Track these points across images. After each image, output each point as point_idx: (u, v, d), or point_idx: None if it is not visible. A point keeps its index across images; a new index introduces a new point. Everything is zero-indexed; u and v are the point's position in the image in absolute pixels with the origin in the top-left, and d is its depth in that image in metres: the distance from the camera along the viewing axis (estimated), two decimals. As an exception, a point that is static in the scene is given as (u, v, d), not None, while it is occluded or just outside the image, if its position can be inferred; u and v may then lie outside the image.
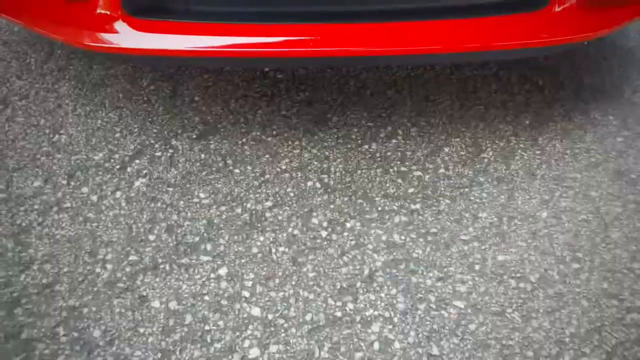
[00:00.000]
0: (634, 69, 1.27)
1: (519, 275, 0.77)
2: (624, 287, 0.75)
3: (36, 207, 0.87)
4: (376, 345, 0.69)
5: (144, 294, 0.74)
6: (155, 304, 0.73)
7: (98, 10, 0.89)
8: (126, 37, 0.87)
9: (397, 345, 0.68)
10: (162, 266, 0.78)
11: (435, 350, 0.68)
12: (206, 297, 0.74)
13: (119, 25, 0.87)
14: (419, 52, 0.86)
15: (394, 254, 0.80)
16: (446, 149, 1.01)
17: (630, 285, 0.75)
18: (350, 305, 0.73)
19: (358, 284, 0.76)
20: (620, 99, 1.16)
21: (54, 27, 0.95)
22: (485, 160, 0.98)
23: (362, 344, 0.69)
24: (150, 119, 1.08)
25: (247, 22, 0.86)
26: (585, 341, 0.68)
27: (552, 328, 0.70)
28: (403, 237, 0.82)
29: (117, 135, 1.04)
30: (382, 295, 0.74)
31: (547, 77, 1.23)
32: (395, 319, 0.71)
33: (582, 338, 0.69)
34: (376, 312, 0.72)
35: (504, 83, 1.20)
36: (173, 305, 0.73)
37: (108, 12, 0.87)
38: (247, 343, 0.69)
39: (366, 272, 0.77)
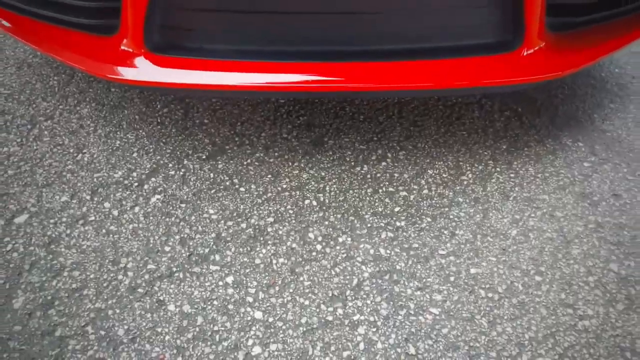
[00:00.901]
0: (606, 97, 1.39)
1: (488, 286, 0.88)
2: (579, 298, 0.86)
3: (64, 220, 0.99)
4: (362, 346, 0.79)
5: (161, 298, 0.85)
6: (171, 307, 0.84)
7: (122, 47, 1.01)
8: (146, 71, 0.98)
9: (379, 345, 0.79)
10: (176, 274, 0.89)
11: (412, 350, 0.79)
12: (215, 302, 0.85)
13: (140, 60, 0.99)
14: (408, 89, 0.97)
15: (380, 266, 0.91)
16: (430, 171, 1.12)
17: (584, 297, 0.86)
18: (340, 311, 0.84)
19: (347, 292, 0.87)
20: (591, 126, 1.27)
21: (77, 58, 1.05)
22: (465, 182, 1.09)
23: (349, 344, 0.79)
24: (164, 140, 1.19)
25: (252, 59, 0.97)
26: (541, 344, 0.79)
27: (514, 332, 0.81)
28: (388, 251, 0.93)
29: (135, 154, 1.15)
30: (368, 302, 0.85)
31: (525, 105, 1.34)
32: (379, 323, 0.82)
33: (539, 341, 0.80)
34: (362, 317, 0.83)
35: (486, 110, 1.32)
36: (186, 308, 0.84)
37: (131, 50, 0.99)
38: (250, 342, 0.80)
39: (355, 281, 0.88)
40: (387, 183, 1.09)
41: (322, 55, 0.96)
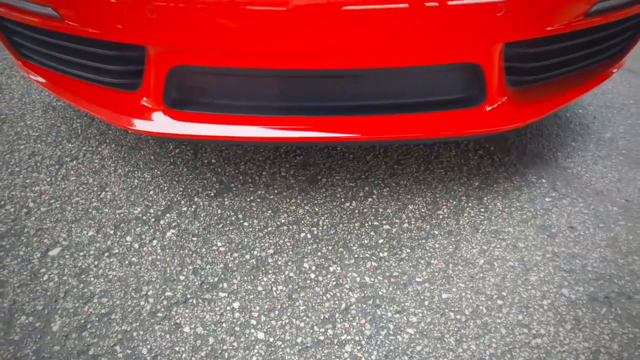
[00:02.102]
0: (570, 135, 1.56)
1: (456, 309, 1.02)
2: (534, 319, 1.01)
3: (92, 252, 1.14)
4: (348, 361, 0.94)
5: (178, 321, 0.99)
6: (186, 329, 0.98)
7: (142, 102, 1.17)
8: (164, 124, 1.14)
9: (363, 361, 0.94)
10: (190, 300, 1.04)
11: (391, 365, 0.93)
12: (224, 324, 0.99)
13: (159, 115, 1.15)
14: (393, 139, 1.12)
15: (365, 292, 1.06)
16: (410, 207, 1.28)
17: (539, 318, 1.01)
18: (330, 331, 0.98)
19: (337, 315, 1.01)
20: (554, 164, 1.44)
21: (101, 111, 1.21)
22: (440, 216, 1.25)
23: (338, 360, 0.94)
24: (176, 179, 1.35)
25: (257, 114, 1.13)
26: (499, 359, 0.94)
27: (477, 349, 0.95)
28: (372, 279, 1.08)
29: (151, 192, 1.31)
30: (354, 324, 0.99)
31: (497, 144, 1.51)
32: (363, 342, 0.96)
33: (498, 357, 0.94)
34: (349, 337, 0.97)
35: (462, 149, 1.48)
36: (199, 330, 0.98)
37: (151, 105, 1.15)
38: (254, 359, 0.94)
39: (343, 306, 1.03)
40: (372, 217, 1.24)
41: (320, 110, 1.12)
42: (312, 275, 1.09)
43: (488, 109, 1.13)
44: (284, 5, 0.90)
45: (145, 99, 1.15)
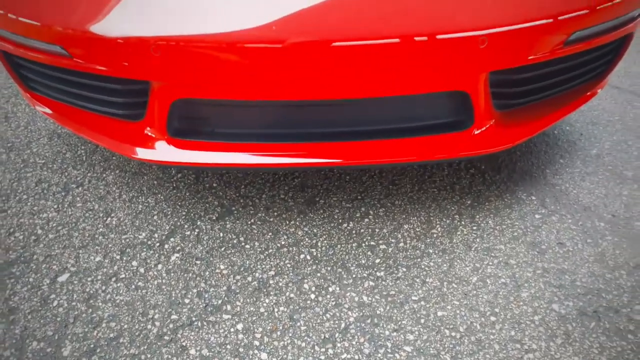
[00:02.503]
0: (557, 152, 1.62)
1: (451, 326, 1.07)
2: (526, 334, 1.05)
3: (99, 277, 1.18)
4: (349, 379, 0.98)
5: (184, 344, 1.03)
6: (192, 351, 1.02)
7: (146, 131, 1.22)
8: (167, 153, 1.19)
9: (363, 379, 0.98)
10: (195, 323, 1.08)
11: (389, 382, 0.97)
12: (228, 346, 1.03)
13: (162, 144, 1.20)
14: (387, 163, 1.17)
15: (363, 311, 1.10)
16: (405, 226, 1.32)
17: (530, 333, 1.05)
18: (331, 351, 1.02)
19: (336, 335, 1.05)
20: (543, 181, 1.49)
21: (106, 140, 1.26)
22: (435, 235, 1.30)
23: (338, 379, 0.98)
24: (179, 203, 1.40)
25: (254, 141, 1.19)
26: (493, 374, 0.98)
27: (472, 365, 0.99)
28: (370, 298, 1.13)
29: (155, 217, 1.35)
30: (353, 342, 1.03)
31: (488, 162, 1.57)
32: (362, 360, 1.00)
33: (492, 372, 0.98)
34: (349, 355, 1.01)
35: (454, 168, 1.54)
36: (205, 352, 1.02)
37: (154, 135, 1.20)
38: (258, 379, 0.98)
39: (342, 325, 1.07)
40: (369, 237, 1.29)
41: (316, 137, 1.18)
42: (312, 296, 1.13)
43: (476, 132, 1.19)
44: (278, 43, 0.96)
45: (148, 128, 1.21)
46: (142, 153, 1.21)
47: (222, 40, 0.96)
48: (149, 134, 1.21)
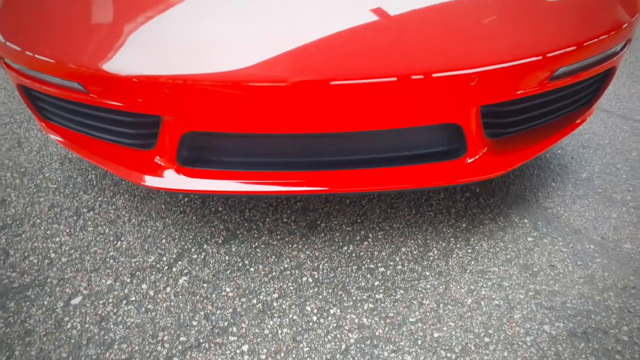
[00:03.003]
0: (549, 176, 1.68)
1: (447, 347, 1.12)
2: (518, 355, 1.10)
3: (111, 300, 1.23)
4: (349, 399, 1.02)
5: (192, 365, 1.08)
6: (200, 372, 1.07)
7: (155, 160, 1.29)
8: (176, 181, 1.25)
9: (363, 399, 1.02)
10: (203, 344, 1.13)
11: (388, 402, 1.02)
12: (234, 367, 1.08)
13: (171, 172, 1.27)
14: (385, 189, 1.24)
15: (363, 332, 1.15)
16: (403, 249, 1.38)
17: (522, 354, 1.10)
18: (332, 371, 1.07)
19: (337, 356, 1.10)
20: (535, 204, 1.55)
21: (116, 168, 1.32)
22: (431, 257, 1.36)
23: (340, 399, 1.02)
24: (186, 227, 1.46)
25: (258, 170, 1.25)
26: (487, 394, 1.02)
27: (467, 385, 1.04)
28: (369, 320, 1.18)
29: (163, 240, 1.41)
30: (354, 363, 1.09)
31: (483, 185, 1.63)
32: (362, 381, 1.05)
33: (486, 392, 1.03)
34: (349, 376, 1.06)
35: (450, 192, 1.60)
36: (212, 373, 1.07)
37: (164, 164, 1.27)
38: (263, 399, 1.02)
39: (343, 346, 1.12)
40: (368, 260, 1.34)
41: (318, 165, 1.24)
42: (314, 318, 1.19)
43: (469, 160, 1.25)
44: (280, 82, 1.03)
45: (158, 157, 1.27)
46: (151, 181, 1.27)
47: (229, 80, 1.03)
48: (159, 162, 1.27)
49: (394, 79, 1.04)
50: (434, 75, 1.05)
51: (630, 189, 1.61)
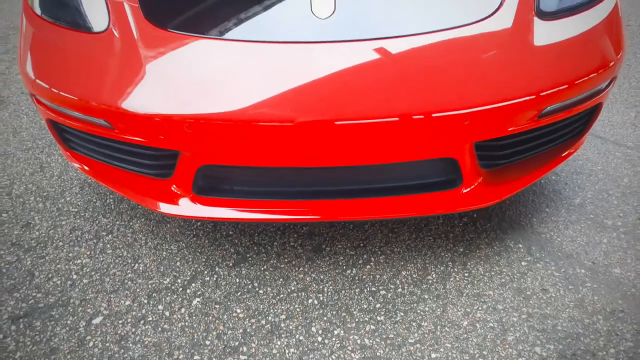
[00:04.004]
0: (544, 201, 1.76)
1: (444, 367, 1.19)
2: (510, 376, 1.17)
3: (129, 320, 1.32)
4: (352, 416, 1.10)
5: (205, 382, 1.16)
6: (213, 389, 1.15)
7: (172, 188, 1.39)
8: (191, 208, 1.34)
9: (365, 416, 1.10)
10: (215, 363, 1.21)
11: (388, 419, 1.09)
12: (245, 385, 1.16)
13: (185, 200, 1.36)
14: (385, 217, 1.33)
15: (365, 353, 1.23)
16: (403, 272, 1.46)
17: (514, 374, 1.17)
18: (336, 389, 1.15)
19: (341, 375, 1.18)
20: (530, 229, 1.63)
21: (133, 194, 1.42)
22: (430, 281, 1.43)
23: (343, 415, 1.10)
24: (199, 250, 1.55)
25: (268, 199, 1.34)
26: (481, 412, 1.09)
27: (462, 404, 1.11)
28: (371, 341, 1.26)
29: (178, 263, 1.50)
30: (356, 382, 1.16)
31: (480, 211, 1.71)
32: (364, 399, 1.13)
33: (480, 410, 1.10)
34: (352, 394, 1.14)
35: (449, 217, 1.69)
36: (224, 390, 1.15)
37: (179, 192, 1.37)
38: (271, 415, 1.10)
39: (346, 366, 1.20)
40: (370, 283, 1.43)
41: (323, 195, 1.33)
42: (320, 339, 1.27)
43: (465, 190, 1.34)
44: (289, 122, 1.13)
45: (175, 186, 1.37)
46: (167, 208, 1.37)
47: (243, 120, 1.13)
48: (176, 191, 1.37)
49: (394, 119, 1.14)
50: (430, 115, 1.14)
51: (621, 214, 1.69)
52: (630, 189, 1.82)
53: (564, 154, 1.53)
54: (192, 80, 1.19)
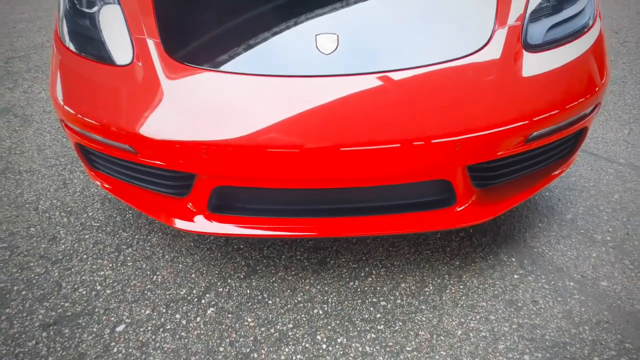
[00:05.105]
0: (537, 217, 1.86)
1: (439, 373, 1.29)
2: (500, 381, 1.27)
3: (149, 328, 1.44)
4: (353, 418, 1.20)
5: (220, 386, 1.27)
6: (227, 392, 1.26)
7: (188, 206, 1.51)
8: (205, 225, 1.46)
9: (365, 417, 1.20)
10: (228, 368, 1.32)
11: (386, 421, 1.19)
12: (255, 388, 1.27)
13: (200, 217, 1.48)
14: (384, 234, 1.44)
15: (366, 359, 1.33)
16: (403, 285, 1.57)
17: (504, 380, 1.27)
18: (339, 393, 1.25)
19: (344, 379, 1.28)
20: (523, 244, 1.73)
21: (152, 211, 1.54)
22: (427, 292, 1.54)
23: (345, 417, 1.20)
24: (212, 263, 1.67)
25: (276, 216, 1.46)
26: (472, 415, 1.19)
27: (454, 407, 1.21)
28: (371, 349, 1.36)
29: (193, 275, 1.62)
30: (358, 386, 1.26)
31: (476, 226, 1.81)
32: (365, 401, 1.23)
33: (471, 413, 1.20)
34: (354, 397, 1.24)
35: (446, 232, 1.79)
36: (237, 393, 1.26)
37: (195, 210, 1.49)
38: (280, 416, 1.21)
39: (349, 371, 1.30)
40: (371, 295, 1.53)
41: (327, 213, 1.45)
42: (324, 346, 1.37)
43: (459, 209, 1.45)
44: (297, 148, 1.25)
45: (191, 204, 1.49)
46: (183, 224, 1.49)
47: (254, 147, 1.25)
48: (191, 209, 1.50)
49: (391, 145, 1.25)
50: (424, 142, 1.26)
51: (610, 230, 1.78)
52: (621, 204, 1.91)
53: (554, 173, 1.64)
54: (209, 110, 1.31)
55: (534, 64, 1.39)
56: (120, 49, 1.46)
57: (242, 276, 1.62)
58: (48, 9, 5.09)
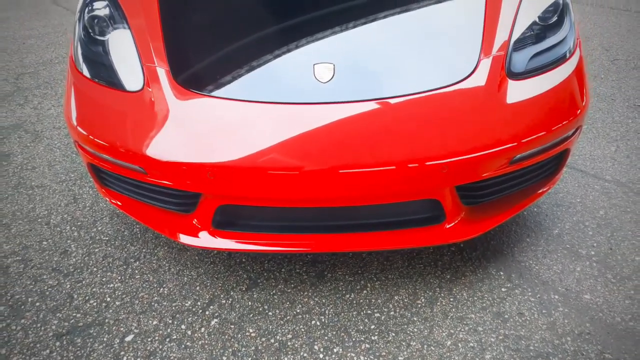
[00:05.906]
0: (525, 232, 1.95)
1: (428, 382, 1.37)
2: (486, 389, 1.35)
3: (157, 338, 1.52)
4: (348, 423, 1.28)
5: (223, 393, 1.36)
6: (229, 399, 1.34)
7: (193, 222, 1.60)
8: (209, 241, 1.56)
9: (359, 423, 1.28)
10: (231, 376, 1.40)
11: None
12: (256, 395, 1.35)
13: (205, 233, 1.58)
14: (378, 249, 1.53)
15: (360, 368, 1.42)
16: (396, 297, 1.65)
17: (490, 388, 1.35)
18: (335, 400, 1.33)
19: (339, 387, 1.37)
20: (511, 258, 1.82)
21: (159, 226, 1.64)
22: (419, 304, 1.62)
23: (340, 422, 1.28)
24: (216, 276, 1.76)
25: (277, 232, 1.55)
26: (459, 421, 1.27)
27: (443, 413, 1.29)
28: (365, 358, 1.44)
29: (197, 288, 1.71)
30: (352, 394, 1.35)
31: (466, 241, 1.90)
32: (359, 408, 1.31)
33: (458, 419, 1.28)
34: (348, 404, 1.32)
35: (438, 246, 1.88)
36: (239, 399, 1.34)
37: (200, 226, 1.58)
38: (279, 422, 1.29)
39: (344, 380, 1.39)
40: (366, 307, 1.62)
41: (322, 229, 1.54)
42: (321, 356, 1.46)
43: (448, 226, 1.54)
44: (297, 170, 1.34)
45: (196, 221, 1.59)
46: (188, 239, 1.58)
47: (257, 169, 1.35)
48: (196, 225, 1.59)
49: (383, 168, 1.35)
50: (414, 165, 1.35)
51: (594, 244, 1.87)
52: (605, 220, 2.00)
53: (539, 191, 1.73)
54: (215, 134, 1.41)
55: (516, 91, 1.49)
56: (131, 76, 1.56)
57: (244, 289, 1.70)
58: (56, 25, 5.24)
